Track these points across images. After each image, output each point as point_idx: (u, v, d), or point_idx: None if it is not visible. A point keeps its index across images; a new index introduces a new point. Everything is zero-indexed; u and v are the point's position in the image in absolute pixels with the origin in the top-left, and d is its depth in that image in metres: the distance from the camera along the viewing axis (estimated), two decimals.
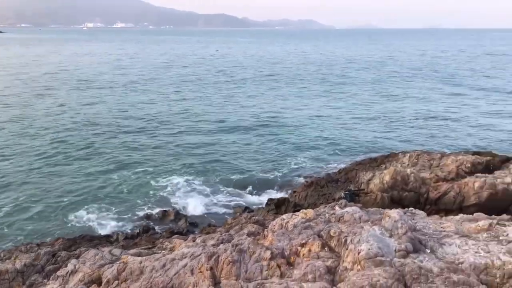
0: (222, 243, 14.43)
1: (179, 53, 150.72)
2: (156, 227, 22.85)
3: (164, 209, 24.83)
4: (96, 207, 25.04)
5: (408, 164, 25.63)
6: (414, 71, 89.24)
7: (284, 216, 14.84)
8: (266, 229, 14.91)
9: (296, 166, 31.39)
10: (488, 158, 26.16)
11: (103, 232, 22.30)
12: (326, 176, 28.30)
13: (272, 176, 29.75)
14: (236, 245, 12.63)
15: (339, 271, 10.71)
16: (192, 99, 56.63)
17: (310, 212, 14.70)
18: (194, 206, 25.49)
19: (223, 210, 25.18)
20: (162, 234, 21.09)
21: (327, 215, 14.28)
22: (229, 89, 64.99)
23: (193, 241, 16.36)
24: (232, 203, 25.95)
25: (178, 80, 75.18)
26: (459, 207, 20.50)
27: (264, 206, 24.97)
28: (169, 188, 27.66)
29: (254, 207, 25.26)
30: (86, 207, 24.93)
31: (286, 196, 26.02)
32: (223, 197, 26.75)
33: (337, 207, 15.03)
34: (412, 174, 22.03)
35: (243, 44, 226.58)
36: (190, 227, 22.77)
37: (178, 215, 24.11)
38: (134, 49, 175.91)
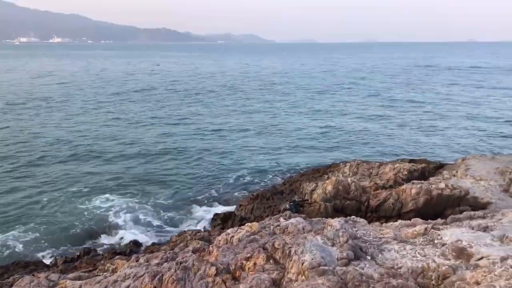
0: (166, 261, 14.07)
1: (120, 68, 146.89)
2: (98, 249, 21.92)
3: (106, 229, 23.92)
4: (31, 229, 23.64)
5: (349, 174, 26.43)
6: (348, 84, 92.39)
7: (229, 231, 14.74)
8: (211, 245, 14.73)
9: (241, 180, 31.42)
10: (423, 165, 27.57)
11: (39, 257, 21.07)
12: (272, 188, 28.55)
13: (217, 191, 29.55)
14: (181, 263, 12.38)
15: (284, 282, 10.74)
16: (127, 118, 54.66)
17: (255, 225, 14.71)
18: (137, 225, 24.74)
19: (168, 228, 24.63)
20: (104, 256, 20.25)
21: (272, 227, 14.34)
22: (171, 105, 63.99)
23: (136, 261, 15.81)
24: (177, 220, 25.46)
25: (118, 99, 72.85)
26: (398, 213, 21.30)
27: (210, 221, 24.75)
28: (109, 208, 26.64)
29: (200, 223, 24.95)
30: (19, 230, 23.46)
31: (232, 210, 25.92)
32: (167, 215, 26.18)
33: (281, 219, 15.15)
34: (353, 183, 22.67)
35: (184, 59, 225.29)
36: (134, 246, 22.04)
37: (121, 235, 23.31)
38: (70, 65, 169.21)
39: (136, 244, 22.40)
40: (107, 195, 28.27)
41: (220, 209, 26.75)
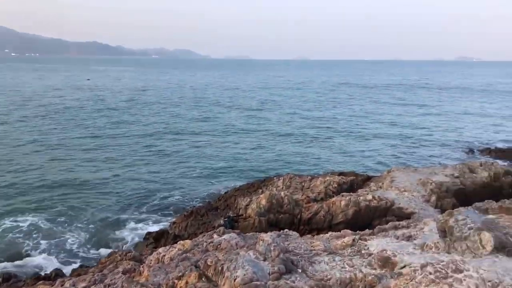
0: (94, 284, 13.43)
1: (47, 84, 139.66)
2: (19, 274, 20.42)
3: (28, 252, 22.39)
4: None
5: (282, 188, 26.86)
6: (276, 101, 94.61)
7: (160, 250, 14.40)
8: (142, 265, 14.28)
9: (175, 197, 30.81)
10: (352, 178, 28.65)
11: None
12: (206, 204, 28.29)
13: (149, 210, 28.72)
14: (109, 285, 11.89)
15: None
16: (47, 138, 51.77)
17: (187, 243, 14.48)
18: (63, 247, 23.41)
19: (97, 249, 23.51)
20: (26, 282, 18.91)
21: (205, 244, 14.19)
22: (99, 123, 61.76)
23: (62, 285, 14.96)
24: (107, 241, 24.40)
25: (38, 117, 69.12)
26: (329, 225, 21.89)
27: (142, 240, 23.99)
28: (30, 229, 24.99)
29: (131, 242, 24.11)
30: None
31: (166, 228, 25.32)
32: (96, 235, 24.97)
33: (215, 235, 15.04)
34: (286, 197, 23.04)
35: (116, 73, 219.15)
36: (59, 270, 20.79)
37: (44, 257, 21.91)
38: None
39: (61, 267, 21.16)
40: (27, 216, 26.54)
41: (153, 227, 26.03)
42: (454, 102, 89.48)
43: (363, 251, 12.47)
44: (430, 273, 9.78)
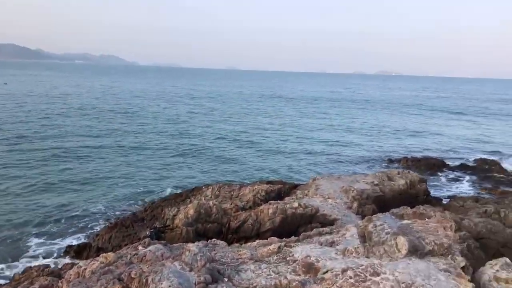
0: None
1: None
2: None
3: None
4: None
5: (211, 197, 26.76)
6: (206, 109, 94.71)
7: (81, 263, 13.74)
8: (61, 280, 13.53)
9: (98, 208, 29.46)
10: (279, 186, 29.22)
11: None
12: (132, 215, 27.39)
13: (70, 221, 27.20)
14: None
15: None
16: None
17: (110, 256, 13.95)
18: None
19: (9, 264, 21.84)
20: None
21: (129, 256, 13.74)
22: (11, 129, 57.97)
23: None
24: (21, 256, 22.74)
25: None
26: (257, 233, 22.12)
27: (62, 254, 22.70)
28: None
29: (50, 257, 22.70)
30: None
31: (88, 241, 24.16)
32: (8, 250, 23.22)
33: (140, 247, 14.63)
34: (215, 206, 22.97)
35: (37, 77, 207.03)
36: None
37: None
38: None
39: None
40: None
41: (74, 240, 24.72)
42: (374, 114, 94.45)
43: (288, 258, 12.74)
44: (350, 277, 10.21)
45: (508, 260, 11.45)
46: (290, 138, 58.51)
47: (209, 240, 16.53)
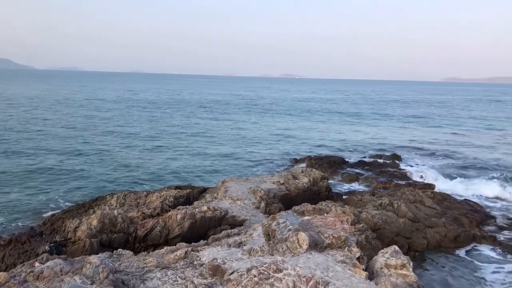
0: None
1: None
2: None
3: None
4: None
5: (116, 206, 25.81)
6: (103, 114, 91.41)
7: None
8: None
9: None
10: (188, 190, 29.08)
11: None
12: (29, 230, 25.46)
13: None
14: None
15: None
16: None
17: (2, 276, 12.86)
18: None
19: None
20: None
21: (23, 274, 12.79)
22: None
23: None
24: None
25: None
26: (166, 240, 21.77)
27: None
28: None
29: None
30: None
31: None
32: None
33: (37, 263, 13.72)
34: (120, 215, 22.19)
35: None
36: None
37: None
38: None
39: None
40: None
41: None
42: (280, 117, 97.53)
43: (195, 262, 12.75)
44: (255, 276, 10.49)
45: (397, 247, 12.52)
46: (198, 142, 58.31)
47: (114, 251, 15.97)
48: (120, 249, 16.24)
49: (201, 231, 22.34)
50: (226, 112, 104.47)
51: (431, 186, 36.09)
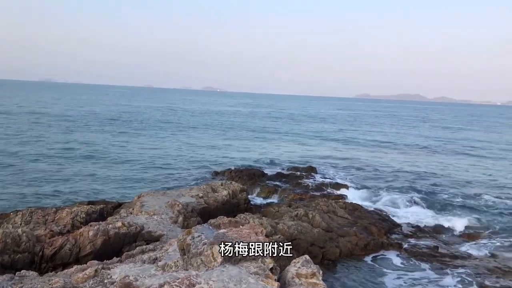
0: None
1: None
2: None
3: None
4: None
5: (21, 223, 24.03)
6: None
7: None
8: None
9: None
10: (102, 206, 27.89)
11: None
12: None
13: None
14: None
15: None
16: None
17: None
18: None
19: None
20: None
21: None
22: None
23: None
24: None
25: None
26: (76, 258, 20.63)
27: None
28: None
29: None
30: None
31: None
32: None
33: None
34: (24, 234, 20.67)
35: None
36: None
37: None
38: None
39: None
40: None
41: None
42: (200, 130, 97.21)
43: (105, 281, 12.24)
44: None
45: (308, 257, 12.98)
46: (111, 155, 56.12)
47: (16, 273, 14.87)
48: (24, 271, 15.17)
49: (115, 248, 21.47)
50: (144, 126, 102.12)
51: (343, 197, 37.91)
